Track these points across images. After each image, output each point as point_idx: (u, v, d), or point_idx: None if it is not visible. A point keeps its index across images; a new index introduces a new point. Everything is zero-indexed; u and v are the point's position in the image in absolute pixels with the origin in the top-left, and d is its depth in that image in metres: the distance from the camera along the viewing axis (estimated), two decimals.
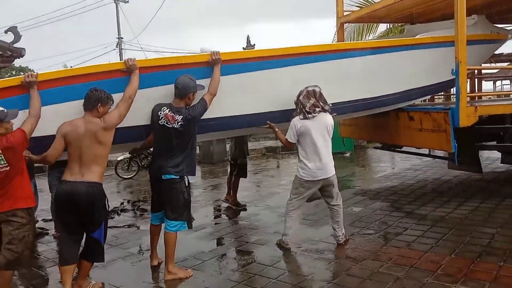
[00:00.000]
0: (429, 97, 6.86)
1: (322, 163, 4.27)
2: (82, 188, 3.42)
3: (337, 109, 4.65)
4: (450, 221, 5.25)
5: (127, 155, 9.66)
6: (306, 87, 4.28)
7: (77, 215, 3.46)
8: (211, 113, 4.02)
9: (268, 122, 4.46)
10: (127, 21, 46.05)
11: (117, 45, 28.96)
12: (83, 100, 3.53)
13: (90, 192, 3.43)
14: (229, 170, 6.74)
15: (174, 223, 3.88)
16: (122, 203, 7.06)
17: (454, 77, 4.84)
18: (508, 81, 22.40)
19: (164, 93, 3.87)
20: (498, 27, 6.61)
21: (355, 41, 10.72)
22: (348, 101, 4.86)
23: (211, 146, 11.45)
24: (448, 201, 6.09)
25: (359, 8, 9.78)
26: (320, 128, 4.25)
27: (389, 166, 9.78)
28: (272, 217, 5.94)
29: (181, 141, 3.82)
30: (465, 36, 4.66)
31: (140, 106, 3.74)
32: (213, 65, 4.02)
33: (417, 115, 5.26)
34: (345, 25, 7.73)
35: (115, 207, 6.73)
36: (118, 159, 9.87)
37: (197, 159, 11.62)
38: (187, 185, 3.91)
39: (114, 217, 6.30)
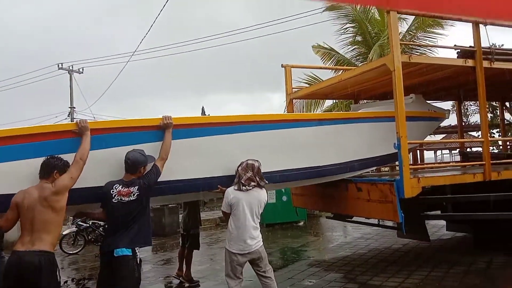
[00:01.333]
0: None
1: (249, 236, 4.19)
2: (31, 258, 3.22)
3: (283, 176, 4.78)
4: None
5: (73, 229, 9.19)
6: (247, 160, 4.33)
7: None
8: (163, 176, 4.00)
9: (219, 186, 4.46)
10: (80, 91, 45.75)
11: (69, 114, 28.53)
12: (31, 159, 3.47)
13: (40, 261, 3.23)
14: (180, 243, 6.56)
15: None
16: (65, 282, 6.60)
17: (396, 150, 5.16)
18: (447, 151, 23.90)
19: (114, 155, 3.84)
20: (435, 106, 7.15)
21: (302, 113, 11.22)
22: (294, 168, 4.97)
23: (163, 217, 11.15)
24: (400, 270, 6.20)
25: (307, 85, 10.41)
26: (252, 202, 4.23)
27: (341, 235, 9.90)
28: None
29: (138, 213, 3.77)
30: (404, 113, 5.04)
31: (90, 168, 3.65)
32: (164, 129, 4.05)
33: (365, 186, 5.48)
34: (295, 100, 8.13)
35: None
36: (64, 233, 9.33)
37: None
38: (138, 262, 3.77)
39: None
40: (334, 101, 11.93)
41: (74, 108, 28.27)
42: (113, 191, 3.74)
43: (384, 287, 5.53)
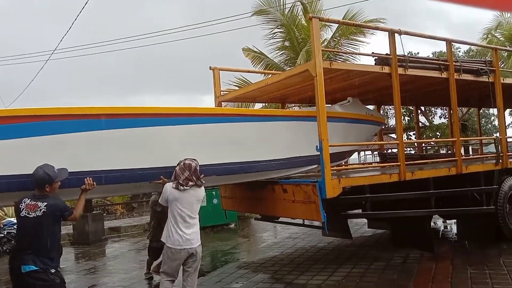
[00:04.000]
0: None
1: (186, 233, 4.29)
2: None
3: (220, 170, 4.94)
4: None
5: None
6: (185, 159, 4.38)
7: None
8: (103, 165, 4.13)
9: (161, 176, 4.53)
10: None
11: None
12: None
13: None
14: (149, 254, 6.71)
15: None
16: None
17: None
18: (369, 152, 25.18)
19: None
20: (374, 111, 7.40)
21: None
22: (222, 163, 5.04)
23: (87, 225, 10.61)
24: (324, 268, 6.41)
25: (237, 88, 10.46)
26: (189, 201, 4.35)
27: (271, 235, 10.06)
28: None
29: (44, 229, 3.59)
30: (325, 117, 5.22)
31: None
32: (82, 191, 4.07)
33: (290, 188, 5.61)
34: (225, 104, 8.14)
35: None
36: None
37: (70, 240, 10.62)
38: (53, 271, 3.60)
39: None
40: (264, 104, 12.12)
41: None
42: (21, 205, 3.62)
43: (309, 285, 5.70)
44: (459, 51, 23.40)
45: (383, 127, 8.19)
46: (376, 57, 6.23)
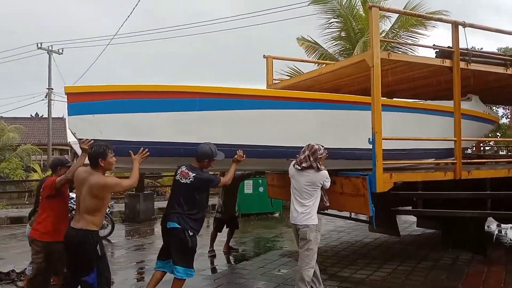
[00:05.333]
0: None
1: (297, 210, 4.60)
2: (71, 233, 3.75)
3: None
4: (370, 283, 5.43)
5: None
6: (314, 143, 4.64)
7: (71, 257, 3.85)
8: (253, 140, 4.77)
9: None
10: (59, 72, 44.68)
11: (46, 95, 27.92)
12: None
13: (78, 236, 3.70)
14: (214, 226, 7.41)
15: (185, 269, 4.25)
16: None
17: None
18: None
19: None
20: (490, 109, 7.26)
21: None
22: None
23: (138, 204, 11.06)
24: (369, 263, 6.32)
25: (288, 78, 10.42)
26: (301, 181, 4.60)
27: None
28: (197, 280, 5.76)
29: (189, 196, 4.31)
30: (380, 108, 5.09)
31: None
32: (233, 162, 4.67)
33: (339, 180, 5.53)
34: None
35: (26, 268, 6.17)
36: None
37: (122, 217, 11.12)
38: (191, 234, 4.28)
39: (23, 280, 5.78)
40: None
41: (52, 89, 27.70)
42: (178, 170, 4.42)
43: (353, 278, 5.64)
44: None
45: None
46: (437, 50, 5.97)
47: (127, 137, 4.18)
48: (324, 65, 8.66)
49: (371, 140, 5.05)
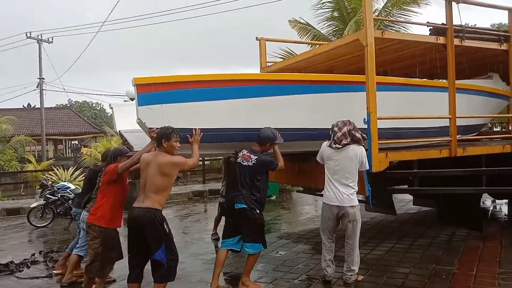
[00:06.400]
0: None
1: (341, 191, 4.61)
2: (138, 213, 3.89)
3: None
4: (368, 262, 5.47)
5: (41, 202, 9.01)
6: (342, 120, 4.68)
7: (138, 238, 3.92)
8: (298, 123, 4.97)
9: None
10: (50, 62, 44.17)
11: (37, 85, 27.66)
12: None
13: (145, 216, 3.84)
14: (219, 210, 7.07)
15: (253, 244, 4.49)
16: (33, 255, 6.49)
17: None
18: None
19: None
20: (506, 85, 7.46)
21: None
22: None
23: (134, 191, 11.01)
24: (366, 242, 6.36)
25: (282, 60, 10.33)
26: (344, 160, 4.60)
27: (312, 208, 10.07)
28: (196, 265, 5.80)
29: (250, 177, 4.52)
30: (374, 88, 5.05)
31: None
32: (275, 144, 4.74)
33: None
34: None
35: (24, 259, 6.19)
36: (32, 206, 9.16)
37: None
38: (258, 212, 4.53)
39: (22, 270, 5.80)
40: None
41: (43, 79, 27.44)
42: (239, 154, 4.66)
43: None
44: None
45: None
46: (431, 27, 5.92)
47: (192, 125, 4.45)
48: (318, 46, 8.59)
49: (366, 120, 5.04)
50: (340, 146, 4.58)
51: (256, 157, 4.57)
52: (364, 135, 4.74)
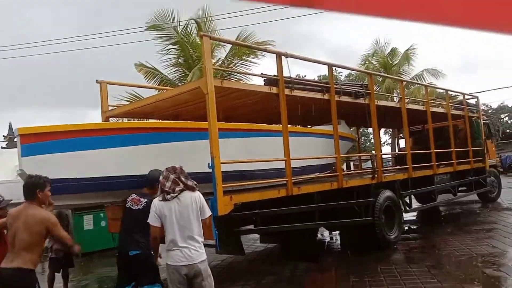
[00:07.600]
0: None
1: (187, 248, 3.91)
2: (6, 273, 3.53)
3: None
4: None
5: None
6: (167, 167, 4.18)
7: None
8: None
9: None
10: None
11: None
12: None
13: (14, 277, 3.49)
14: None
15: (151, 286, 4.47)
16: None
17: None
18: None
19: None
20: (350, 129, 8.96)
21: None
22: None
23: None
24: (217, 287, 6.36)
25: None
26: (185, 211, 3.97)
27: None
28: None
29: (143, 221, 4.21)
30: (217, 134, 5.23)
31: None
32: None
33: None
34: (113, 119, 7.78)
35: None
36: None
37: None
38: (151, 254, 4.48)
39: None
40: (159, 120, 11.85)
41: None
42: (128, 198, 4.69)
43: None
44: (341, 75, 25.44)
45: None
46: (265, 78, 6.48)
47: (77, 175, 4.51)
48: (163, 91, 8.64)
49: (210, 165, 5.17)
50: (176, 194, 3.99)
51: (146, 199, 4.57)
52: (195, 182, 4.22)
